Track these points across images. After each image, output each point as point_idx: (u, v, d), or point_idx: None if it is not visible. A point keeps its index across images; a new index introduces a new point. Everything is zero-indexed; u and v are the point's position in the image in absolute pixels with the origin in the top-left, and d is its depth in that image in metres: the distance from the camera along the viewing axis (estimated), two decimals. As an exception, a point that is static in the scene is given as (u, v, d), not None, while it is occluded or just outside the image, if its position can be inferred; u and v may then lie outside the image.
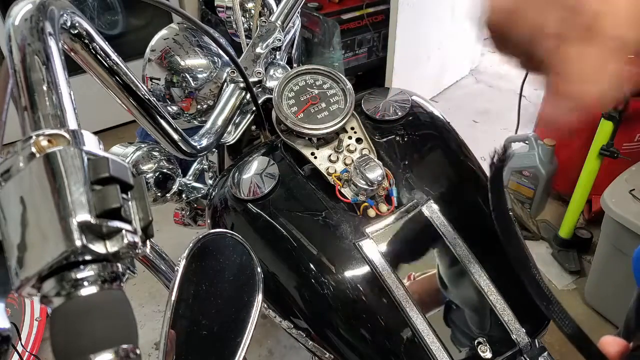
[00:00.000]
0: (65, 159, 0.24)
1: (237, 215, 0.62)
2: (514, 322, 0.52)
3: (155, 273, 0.65)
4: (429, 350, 0.51)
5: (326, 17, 2.35)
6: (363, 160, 0.58)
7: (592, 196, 1.77)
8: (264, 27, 0.75)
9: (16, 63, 0.30)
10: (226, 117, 0.71)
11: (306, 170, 0.63)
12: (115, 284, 0.25)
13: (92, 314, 0.23)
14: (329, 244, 0.56)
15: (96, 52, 0.44)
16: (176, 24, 0.82)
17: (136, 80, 0.50)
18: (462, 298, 0.55)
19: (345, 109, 0.63)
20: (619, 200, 1.36)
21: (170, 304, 0.42)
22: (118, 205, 0.24)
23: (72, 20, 0.40)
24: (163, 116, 0.55)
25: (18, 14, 0.33)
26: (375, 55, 2.55)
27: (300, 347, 0.60)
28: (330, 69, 0.65)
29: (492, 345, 0.52)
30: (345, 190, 0.59)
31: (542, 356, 0.54)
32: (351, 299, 0.54)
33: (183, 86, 0.78)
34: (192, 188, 0.84)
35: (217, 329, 0.45)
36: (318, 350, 0.57)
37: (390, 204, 0.59)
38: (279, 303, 0.58)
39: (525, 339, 0.52)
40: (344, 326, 0.54)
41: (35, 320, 1.50)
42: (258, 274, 0.47)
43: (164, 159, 0.74)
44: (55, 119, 0.28)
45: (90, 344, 0.22)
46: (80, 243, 0.23)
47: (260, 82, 0.74)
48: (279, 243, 0.58)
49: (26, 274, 0.23)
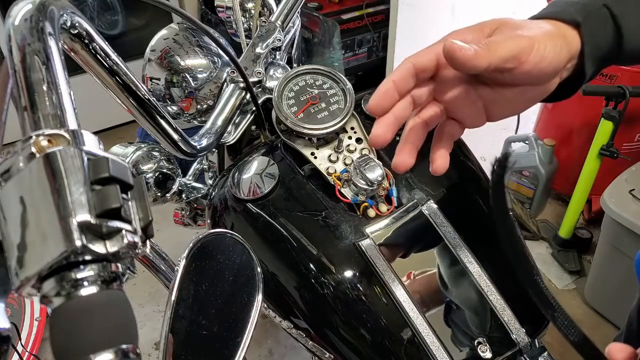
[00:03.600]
0: (65, 159, 0.24)
1: (237, 215, 0.62)
2: (514, 322, 0.52)
3: (155, 273, 0.65)
4: (429, 350, 0.51)
5: (326, 17, 2.35)
6: (363, 160, 0.58)
7: (592, 196, 1.77)
8: (264, 27, 0.75)
9: (16, 63, 0.30)
10: (226, 117, 0.71)
11: (306, 170, 0.63)
12: (115, 284, 0.25)
13: (92, 314, 0.23)
14: (328, 244, 0.56)
15: (96, 52, 0.44)
16: (176, 24, 0.82)
17: (136, 80, 0.50)
18: (462, 298, 0.55)
19: (345, 109, 0.63)
20: (619, 200, 1.36)
21: (170, 304, 0.42)
22: (118, 205, 0.24)
23: (72, 20, 0.40)
24: (163, 116, 0.55)
25: (18, 14, 0.33)
26: (375, 55, 2.55)
27: (300, 347, 0.60)
28: (330, 69, 0.65)
29: (492, 345, 0.52)
30: (345, 190, 0.59)
31: (542, 356, 0.54)
32: (351, 299, 0.54)
33: (183, 86, 0.78)
34: (192, 188, 0.84)
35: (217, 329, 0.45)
36: (318, 350, 0.57)
37: (390, 204, 0.59)
38: (279, 303, 0.58)
39: (525, 339, 0.52)
40: (344, 326, 0.54)
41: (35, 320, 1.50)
42: (258, 274, 0.47)
43: (164, 159, 0.74)
44: (55, 119, 0.28)
45: (90, 344, 0.22)
46: (80, 243, 0.23)
47: (260, 82, 0.74)
48: (279, 243, 0.58)
49: (26, 274, 0.23)
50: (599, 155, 1.53)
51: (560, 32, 0.41)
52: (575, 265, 1.72)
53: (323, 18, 2.36)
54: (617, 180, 1.43)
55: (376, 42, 2.50)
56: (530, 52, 0.39)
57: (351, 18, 2.37)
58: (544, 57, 0.39)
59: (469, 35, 0.41)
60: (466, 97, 0.44)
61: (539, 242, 1.85)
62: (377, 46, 2.52)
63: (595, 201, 1.79)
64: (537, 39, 0.39)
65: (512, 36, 0.39)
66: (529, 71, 0.40)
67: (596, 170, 1.58)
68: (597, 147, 1.52)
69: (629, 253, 1.37)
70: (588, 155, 1.57)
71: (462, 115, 0.46)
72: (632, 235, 1.32)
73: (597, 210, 1.69)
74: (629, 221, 1.31)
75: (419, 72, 0.42)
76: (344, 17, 2.36)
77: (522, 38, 0.39)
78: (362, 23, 2.39)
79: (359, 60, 2.51)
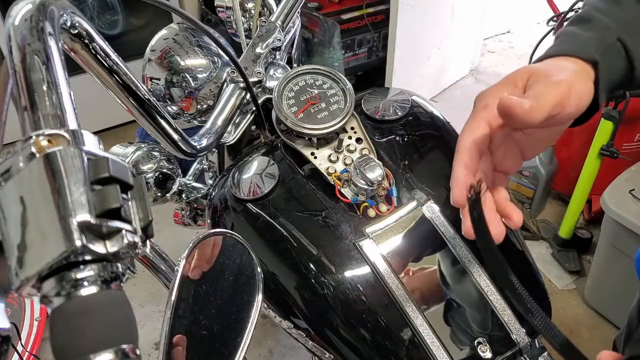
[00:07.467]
0: (65, 159, 0.24)
1: (237, 215, 0.62)
2: (514, 322, 0.52)
3: (155, 273, 0.65)
4: (429, 350, 0.51)
5: (326, 17, 2.35)
6: (363, 160, 0.58)
7: (592, 196, 1.77)
8: (264, 27, 0.75)
9: (16, 63, 0.30)
10: (226, 117, 0.71)
11: (306, 170, 0.63)
12: (115, 284, 0.25)
13: (92, 314, 0.23)
14: (329, 244, 0.56)
15: (96, 52, 0.44)
16: (176, 24, 0.82)
17: (136, 80, 0.50)
18: (462, 298, 0.55)
19: (345, 109, 0.63)
20: (619, 200, 1.36)
21: (170, 304, 0.42)
22: (118, 205, 0.24)
23: (72, 20, 0.40)
24: (163, 116, 0.55)
25: (18, 14, 0.33)
26: (375, 55, 2.55)
27: (300, 347, 0.60)
28: (330, 69, 0.65)
29: (492, 345, 0.52)
30: (345, 190, 0.59)
31: (542, 356, 0.54)
32: (351, 299, 0.54)
33: (183, 86, 0.78)
34: (192, 188, 0.84)
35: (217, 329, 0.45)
36: (318, 350, 0.57)
37: (390, 204, 0.59)
38: (279, 303, 0.58)
39: (525, 339, 0.52)
40: (344, 326, 0.54)
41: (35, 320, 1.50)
42: (258, 274, 0.47)
43: (164, 159, 0.74)
44: (55, 119, 0.28)
45: (90, 344, 0.22)
46: (80, 243, 0.23)
47: (260, 82, 0.74)
48: (279, 243, 0.58)
49: (26, 274, 0.23)
50: (599, 155, 1.53)
51: (584, 69, 0.42)
52: (575, 265, 1.72)
53: (323, 18, 2.36)
54: (617, 180, 1.43)
55: (376, 42, 2.51)
56: (570, 95, 0.40)
57: (351, 18, 2.37)
58: (581, 97, 0.41)
59: (504, 92, 0.42)
60: (508, 149, 0.46)
61: (539, 242, 1.85)
62: (377, 46, 2.53)
63: (595, 201, 1.79)
64: (572, 82, 0.40)
65: (550, 84, 0.40)
66: (570, 113, 0.41)
67: (596, 170, 1.58)
68: (597, 147, 1.52)
69: (629, 253, 1.37)
70: (588, 155, 1.57)
71: (507, 166, 0.47)
72: (632, 235, 1.32)
73: (597, 210, 1.68)
74: (629, 221, 1.31)
75: (480, 146, 0.44)
76: (344, 17, 2.36)
77: (560, 84, 0.40)
78: (362, 23, 2.40)
79: (359, 60, 2.52)
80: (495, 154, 0.46)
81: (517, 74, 0.43)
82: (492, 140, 0.45)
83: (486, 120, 0.43)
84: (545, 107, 0.38)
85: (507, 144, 0.46)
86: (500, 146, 0.46)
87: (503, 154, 0.46)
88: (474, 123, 0.44)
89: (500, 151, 0.46)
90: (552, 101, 0.39)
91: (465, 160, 0.44)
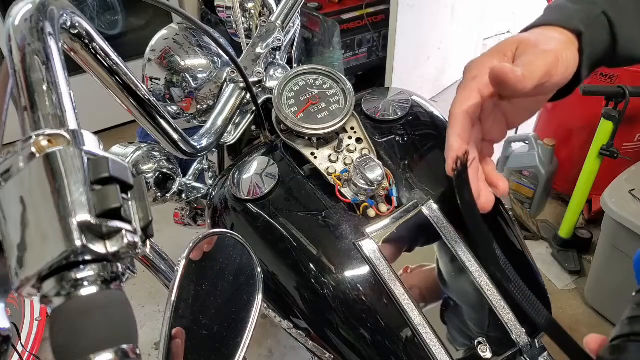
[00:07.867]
0: (65, 159, 0.24)
1: (237, 215, 0.62)
2: (514, 322, 0.52)
3: (155, 273, 0.65)
4: (429, 350, 0.51)
5: (326, 17, 2.35)
6: (363, 160, 0.58)
7: (592, 196, 1.77)
8: (264, 27, 0.75)
9: (16, 63, 0.30)
10: (226, 117, 0.71)
11: (306, 170, 0.63)
12: (115, 284, 0.25)
13: (92, 314, 0.23)
14: (328, 244, 0.56)
15: (96, 52, 0.44)
16: (176, 24, 0.82)
17: (136, 80, 0.50)
18: (462, 298, 0.55)
19: (345, 109, 0.63)
20: (619, 200, 1.36)
21: (170, 304, 0.42)
22: (118, 205, 0.24)
23: (72, 20, 0.40)
24: (163, 116, 0.55)
25: (18, 14, 0.33)
26: (375, 55, 2.55)
27: (300, 347, 0.60)
28: (330, 69, 0.65)
29: (492, 345, 0.52)
30: (345, 190, 0.59)
31: (542, 356, 0.53)
32: (351, 298, 0.54)
33: (183, 86, 0.78)
34: (192, 188, 0.84)
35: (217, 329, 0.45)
36: (318, 350, 0.57)
37: (390, 204, 0.59)
38: (279, 303, 0.58)
39: (525, 339, 0.52)
40: (344, 326, 0.54)
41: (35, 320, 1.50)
42: (258, 274, 0.47)
43: (164, 159, 0.74)
44: (55, 119, 0.28)
45: (90, 344, 0.22)
46: (80, 243, 0.23)
47: (260, 82, 0.74)
48: (279, 243, 0.58)
49: (26, 274, 0.23)
50: (599, 155, 1.53)
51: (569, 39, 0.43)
52: (575, 265, 1.72)
53: (323, 18, 2.36)
54: (617, 180, 1.43)
55: (376, 42, 2.51)
56: (558, 65, 0.41)
57: (351, 18, 2.37)
58: (568, 67, 0.42)
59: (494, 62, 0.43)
60: (495, 118, 0.47)
61: (539, 242, 1.85)
62: (377, 46, 2.53)
63: (595, 201, 1.79)
64: (559, 51, 0.41)
65: (538, 53, 0.41)
66: (557, 82, 0.42)
67: (596, 170, 1.58)
68: (597, 147, 1.52)
69: (629, 253, 1.37)
70: (588, 155, 1.57)
71: (494, 135, 0.49)
72: (632, 235, 1.32)
73: (597, 210, 1.69)
74: (629, 221, 1.31)
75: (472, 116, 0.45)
76: (344, 17, 2.36)
77: (549, 53, 0.41)
78: (362, 23, 2.40)
79: (359, 60, 2.52)
80: (485, 123, 0.47)
81: (506, 44, 0.44)
82: (483, 109, 0.46)
83: (477, 90, 0.44)
84: (535, 76, 0.39)
85: (494, 114, 0.47)
86: (489, 116, 0.47)
87: (491, 123, 0.48)
88: (465, 93, 0.44)
89: (489, 120, 0.47)
90: (542, 70, 0.40)
91: (458, 130, 0.45)
